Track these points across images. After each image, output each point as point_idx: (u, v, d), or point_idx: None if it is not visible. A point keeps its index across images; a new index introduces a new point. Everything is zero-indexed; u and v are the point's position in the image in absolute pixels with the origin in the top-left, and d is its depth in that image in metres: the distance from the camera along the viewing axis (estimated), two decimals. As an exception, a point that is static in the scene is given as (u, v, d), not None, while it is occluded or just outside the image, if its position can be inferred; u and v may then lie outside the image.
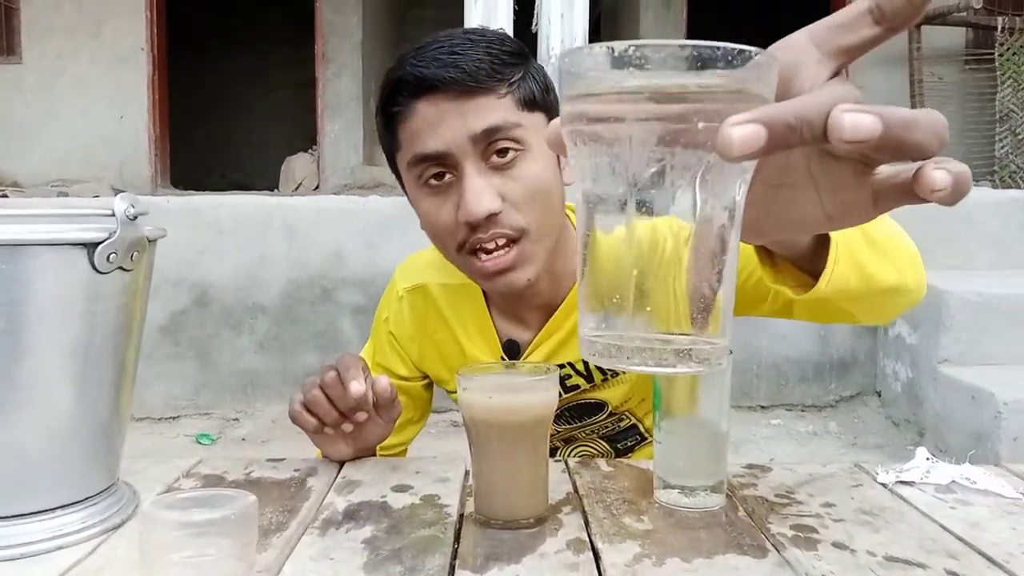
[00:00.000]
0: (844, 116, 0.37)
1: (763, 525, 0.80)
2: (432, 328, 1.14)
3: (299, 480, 0.93)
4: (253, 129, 9.48)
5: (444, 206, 0.94)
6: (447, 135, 0.90)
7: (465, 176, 0.91)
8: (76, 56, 6.67)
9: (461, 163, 0.91)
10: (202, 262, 3.85)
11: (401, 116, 0.93)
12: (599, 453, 1.17)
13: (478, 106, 0.90)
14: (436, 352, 1.15)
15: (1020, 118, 5.51)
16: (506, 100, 0.91)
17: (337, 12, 7.09)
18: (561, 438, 1.16)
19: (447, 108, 0.89)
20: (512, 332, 1.10)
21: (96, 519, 0.78)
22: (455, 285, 1.12)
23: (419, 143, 0.92)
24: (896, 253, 0.76)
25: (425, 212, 0.96)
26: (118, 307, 0.77)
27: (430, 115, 0.90)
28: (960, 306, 3.30)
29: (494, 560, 0.72)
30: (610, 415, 1.13)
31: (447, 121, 0.90)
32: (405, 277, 1.17)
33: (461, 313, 1.12)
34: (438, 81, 0.89)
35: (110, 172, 6.60)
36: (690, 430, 0.85)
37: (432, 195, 0.94)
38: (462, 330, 1.12)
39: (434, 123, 0.90)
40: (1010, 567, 0.72)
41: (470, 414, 0.81)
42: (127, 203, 0.74)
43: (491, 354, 1.11)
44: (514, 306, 1.09)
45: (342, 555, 0.73)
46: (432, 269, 1.15)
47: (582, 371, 1.10)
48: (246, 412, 3.82)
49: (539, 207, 0.93)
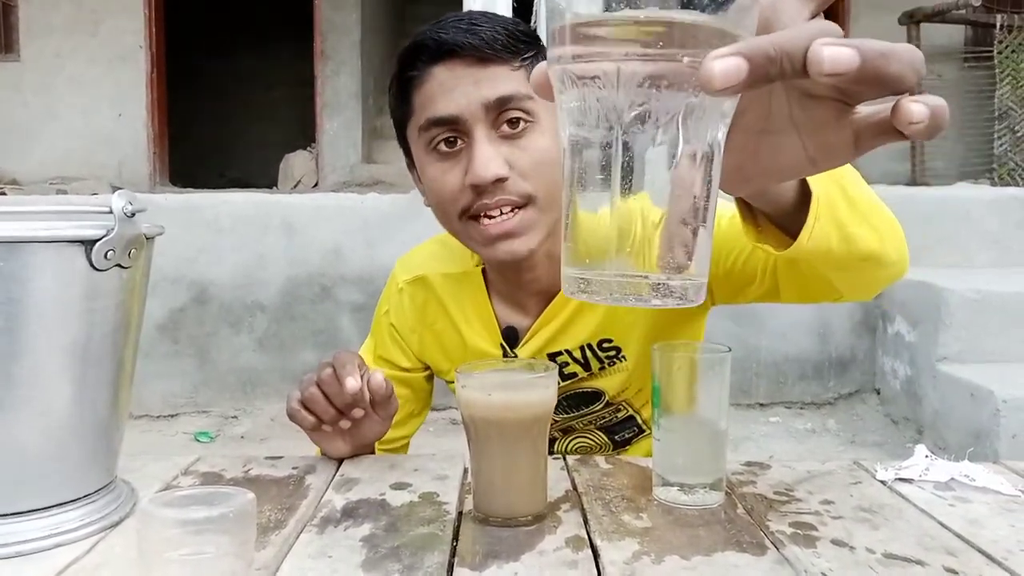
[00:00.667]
0: (823, 49, 0.37)
1: (762, 522, 0.80)
2: (432, 318, 1.15)
3: (297, 478, 0.93)
4: (252, 127, 9.48)
5: (452, 171, 0.95)
6: (461, 100, 0.92)
7: (475, 141, 0.93)
8: (75, 54, 6.67)
9: (472, 129, 0.93)
10: (201, 260, 3.84)
11: (417, 81, 0.95)
12: (597, 445, 1.17)
13: (493, 75, 0.92)
14: (436, 342, 1.16)
15: (1019, 116, 5.51)
16: (520, 73, 0.94)
17: (336, 10, 7.09)
18: (559, 428, 1.16)
19: (463, 74, 0.92)
20: (511, 319, 1.11)
21: (94, 517, 0.78)
22: (455, 274, 1.13)
23: (432, 107, 0.94)
24: (875, 217, 0.75)
25: (432, 178, 0.97)
26: (116, 304, 0.77)
27: (446, 80, 0.93)
28: (959, 304, 3.30)
29: (493, 558, 0.72)
30: (607, 405, 1.13)
31: (462, 87, 0.92)
32: (405, 269, 1.18)
33: (461, 301, 1.12)
34: (456, 46, 0.92)
35: (109, 170, 6.60)
36: (689, 427, 0.85)
37: (440, 160, 0.96)
38: (462, 318, 1.12)
39: (449, 88, 0.92)
40: (1008, 564, 0.72)
41: (469, 412, 0.81)
42: (125, 200, 0.74)
43: (490, 341, 1.12)
44: (514, 292, 1.10)
45: (340, 553, 0.73)
46: (432, 260, 1.16)
47: (579, 359, 1.10)
48: (245, 410, 3.82)
49: (545, 178, 0.94)
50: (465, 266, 1.12)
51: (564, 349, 1.09)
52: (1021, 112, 5.52)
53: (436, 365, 1.19)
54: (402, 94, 0.98)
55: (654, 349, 0.86)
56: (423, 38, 0.94)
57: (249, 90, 9.48)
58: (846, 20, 6.57)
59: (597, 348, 1.09)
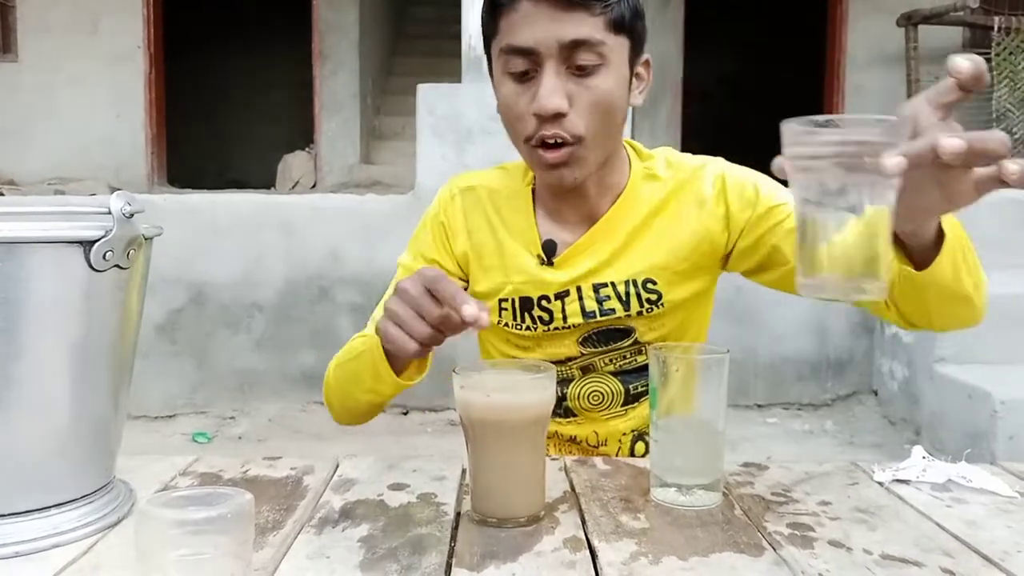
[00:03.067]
0: (942, 142, 0.65)
1: (760, 523, 0.80)
2: (474, 226, 1.21)
3: (296, 478, 0.93)
4: (250, 127, 9.47)
5: (522, 96, 1.03)
6: (540, 35, 0.99)
7: (544, 74, 1.01)
8: (73, 55, 6.66)
9: (544, 62, 1.00)
10: (199, 261, 3.84)
11: (506, 7, 1.02)
12: (610, 393, 1.19)
13: (573, 18, 0.99)
14: (474, 251, 1.21)
15: (1017, 117, 5.52)
16: (599, 19, 1.00)
17: (334, 10, 7.09)
18: (579, 366, 1.19)
19: (546, 12, 0.99)
20: (553, 234, 1.17)
21: (92, 517, 0.78)
22: (507, 190, 1.21)
23: (513, 35, 1.01)
24: (976, 272, 0.94)
25: (504, 96, 1.06)
26: (114, 305, 0.77)
27: (530, 13, 1.00)
28: (957, 305, 3.30)
29: (491, 558, 0.72)
30: (634, 343, 1.17)
31: (542, 23, 0.99)
32: (463, 181, 1.25)
33: (505, 213, 1.20)
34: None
35: (107, 171, 6.59)
36: (687, 428, 0.85)
37: (514, 83, 1.04)
38: (504, 228, 1.19)
39: (532, 21, 1.00)
40: (1005, 565, 0.72)
41: (467, 413, 0.81)
42: (123, 201, 0.74)
43: (529, 251, 1.17)
44: (561, 209, 1.16)
45: (339, 553, 0.73)
46: (486, 178, 1.24)
47: (621, 295, 1.14)
48: (243, 411, 3.81)
49: (600, 118, 1.03)
50: (514, 186, 1.21)
51: (610, 281, 1.14)
52: (1019, 114, 5.52)
53: (472, 272, 1.22)
54: (491, 14, 1.05)
55: (651, 350, 0.86)
56: None
57: (248, 91, 9.48)
58: (845, 22, 6.58)
59: (642, 287, 1.14)
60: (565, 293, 1.15)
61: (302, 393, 3.85)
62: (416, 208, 3.67)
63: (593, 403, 1.19)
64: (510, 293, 1.17)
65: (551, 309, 1.15)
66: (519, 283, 1.16)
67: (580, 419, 1.20)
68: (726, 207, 1.13)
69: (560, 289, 1.15)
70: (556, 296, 1.15)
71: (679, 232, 1.14)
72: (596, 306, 1.14)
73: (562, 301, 1.15)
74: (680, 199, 1.15)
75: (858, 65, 6.57)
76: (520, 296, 1.16)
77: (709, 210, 1.13)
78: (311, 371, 3.86)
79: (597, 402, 1.19)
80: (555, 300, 1.15)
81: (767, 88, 9.31)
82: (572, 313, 1.15)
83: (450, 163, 3.69)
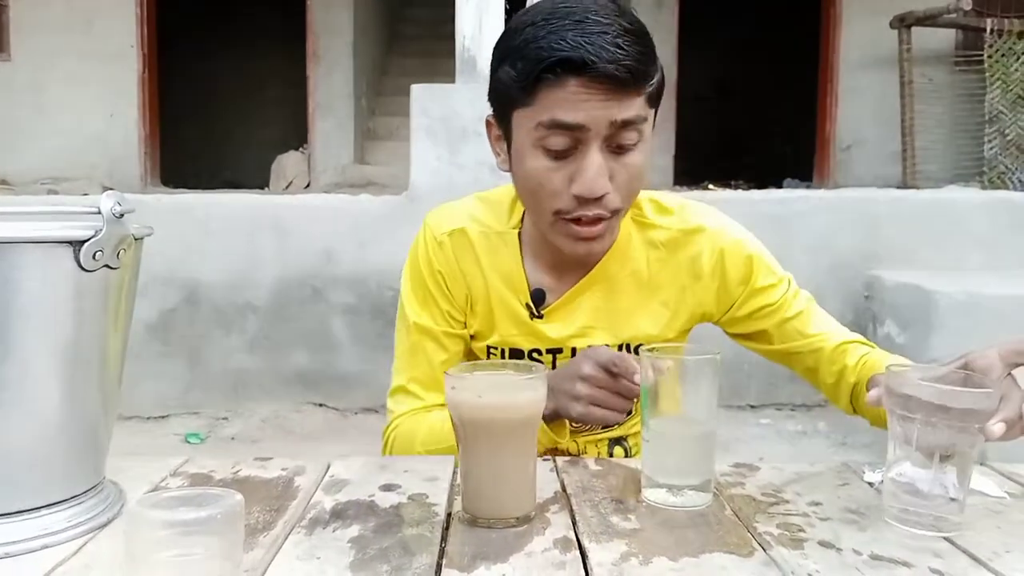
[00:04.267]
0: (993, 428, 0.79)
1: (750, 524, 0.81)
2: (467, 271, 1.17)
3: (287, 479, 0.93)
4: (245, 127, 9.46)
5: (558, 172, 0.99)
6: (592, 113, 0.95)
7: (590, 153, 0.97)
8: (66, 53, 6.64)
9: (589, 141, 0.97)
10: (191, 261, 3.83)
11: (550, 83, 0.95)
12: None
13: (624, 101, 0.96)
14: (470, 295, 1.18)
15: (1009, 119, 5.53)
16: (642, 98, 0.98)
17: (329, 10, 7.08)
18: None
19: (597, 92, 0.94)
20: (543, 282, 1.15)
21: (82, 518, 0.78)
22: (492, 232, 1.17)
23: (560, 111, 0.96)
24: None
25: (535, 170, 1.00)
26: (104, 305, 0.77)
27: (580, 93, 0.95)
28: (949, 306, 3.31)
29: (481, 559, 0.72)
30: None
31: (593, 102, 0.95)
32: (444, 222, 1.19)
33: (495, 257, 1.16)
34: (604, 75, 0.93)
35: (100, 170, 6.57)
36: (678, 429, 0.85)
37: (548, 159, 0.99)
38: (494, 273, 1.16)
39: (583, 100, 0.95)
40: (993, 565, 0.72)
41: (459, 413, 0.81)
42: (113, 201, 0.73)
43: (517, 299, 1.15)
44: (555, 257, 1.14)
45: (329, 554, 0.73)
46: (469, 218, 1.18)
47: None
48: (236, 411, 3.81)
49: (634, 192, 1.04)
50: (501, 227, 1.17)
51: (604, 344, 1.13)
52: (1011, 116, 5.54)
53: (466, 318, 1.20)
54: (526, 87, 0.97)
55: (642, 351, 0.86)
56: (570, 54, 0.93)
57: (242, 91, 9.46)
58: (838, 24, 6.59)
59: (634, 352, 1.13)
60: (558, 350, 1.15)
61: (295, 394, 3.85)
62: (409, 209, 3.67)
63: (574, 426, 1.18)
64: (498, 343, 1.16)
65: (542, 362, 1.15)
66: (510, 335, 1.15)
67: None
68: (720, 282, 1.15)
69: (552, 345, 1.15)
70: (548, 351, 1.15)
71: (675, 305, 1.15)
72: None
73: (554, 356, 1.15)
74: (677, 266, 1.15)
75: (851, 67, 6.59)
76: (510, 347, 1.16)
77: (704, 284, 1.15)
78: (304, 372, 3.85)
79: (578, 425, 1.18)
80: (547, 354, 1.15)
81: (761, 91, 9.33)
82: None
83: (444, 163, 3.69)
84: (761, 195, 4.04)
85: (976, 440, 0.79)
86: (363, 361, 3.79)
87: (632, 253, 1.14)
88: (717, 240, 1.15)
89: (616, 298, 1.14)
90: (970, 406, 0.77)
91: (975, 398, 0.78)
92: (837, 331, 1.18)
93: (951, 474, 0.79)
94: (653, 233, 1.15)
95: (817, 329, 1.17)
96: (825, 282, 3.88)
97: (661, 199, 1.19)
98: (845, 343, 1.16)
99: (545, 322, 1.14)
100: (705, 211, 1.18)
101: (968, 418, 0.77)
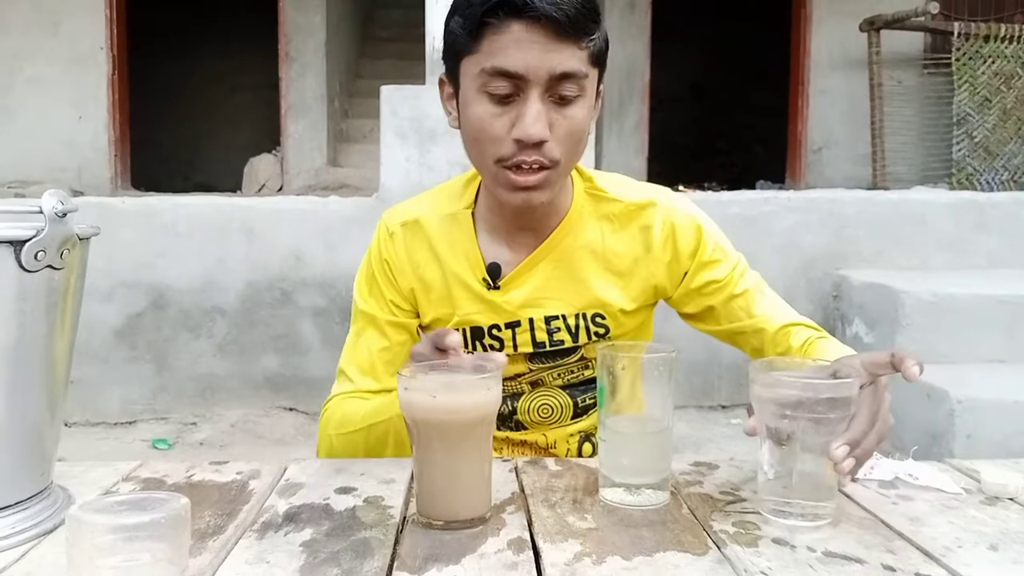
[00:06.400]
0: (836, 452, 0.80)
1: (706, 522, 0.80)
2: (418, 261, 1.18)
3: (241, 483, 0.92)
4: (217, 130, 9.37)
5: (500, 119, 1.02)
6: (532, 63, 0.98)
7: (529, 101, 1.00)
8: (33, 56, 6.54)
9: (530, 89, 1.00)
10: (159, 264, 3.78)
11: (493, 28, 0.99)
12: (559, 407, 1.20)
13: (563, 50, 0.99)
14: (421, 284, 1.19)
15: (976, 121, 5.60)
16: (584, 52, 1.01)
17: (301, 11, 7.03)
18: (528, 380, 1.19)
19: (539, 40, 0.98)
20: (498, 255, 1.16)
21: (26, 524, 0.76)
22: (447, 215, 1.19)
23: (502, 58, 0.99)
24: None
25: (477, 117, 1.03)
26: (48, 306, 0.75)
27: (522, 38, 0.98)
28: (915, 306, 3.34)
29: (433, 561, 0.72)
30: (580, 358, 1.18)
31: (534, 51, 0.98)
32: (398, 216, 1.22)
33: (450, 238, 1.18)
34: (544, 16, 0.97)
35: (69, 173, 6.47)
36: (635, 428, 0.85)
37: (492, 104, 1.02)
38: (450, 254, 1.17)
39: (524, 47, 0.98)
40: (945, 561, 0.72)
41: (411, 414, 0.80)
42: (55, 200, 0.72)
43: (473, 276, 1.16)
44: (507, 227, 1.16)
45: (279, 558, 0.72)
46: (424, 204, 1.22)
47: (571, 327, 1.16)
48: (204, 416, 3.76)
49: (573, 146, 1.05)
50: (454, 208, 1.19)
51: (561, 314, 1.15)
52: (978, 118, 5.61)
53: (420, 306, 1.20)
54: (471, 32, 1.01)
55: (599, 349, 0.86)
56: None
57: (213, 93, 9.37)
58: (808, 27, 6.64)
59: (591, 321, 1.16)
60: (516, 323, 1.16)
61: (265, 398, 3.81)
62: (379, 211, 3.61)
63: (543, 416, 1.20)
64: (459, 323, 1.16)
65: (502, 338, 1.16)
66: (469, 313, 1.16)
67: (531, 431, 1.21)
68: (672, 254, 1.16)
69: (511, 319, 1.15)
70: (507, 325, 1.16)
71: (628, 276, 1.16)
72: (546, 337, 1.16)
73: (513, 331, 1.16)
74: (630, 237, 1.16)
75: (822, 69, 6.63)
76: (471, 326, 1.16)
77: (655, 256, 1.16)
78: (274, 376, 3.81)
79: (547, 415, 1.20)
80: (506, 329, 1.16)
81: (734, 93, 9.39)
82: (523, 343, 1.16)
83: (414, 164, 3.68)
84: (731, 196, 4.06)
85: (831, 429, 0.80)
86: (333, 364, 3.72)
87: (585, 225, 1.16)
88: (669, 214, 1.17)
89: (571, 268, 1.16)
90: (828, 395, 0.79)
91: (829, 388, 0.79)
92: (783, 313, 1.19)
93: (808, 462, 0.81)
94: (606, 206, 1.17)
95: (762, 310, 1.18)
96: (794, 282, 3.90)
97: (613, 176, 1.21)
98: (789, 325, 1.17)
99: (502, 294, 1.15)
100: (658, 189, 1.21)
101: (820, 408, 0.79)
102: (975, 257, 4.00)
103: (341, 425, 1.14)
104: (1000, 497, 0.89)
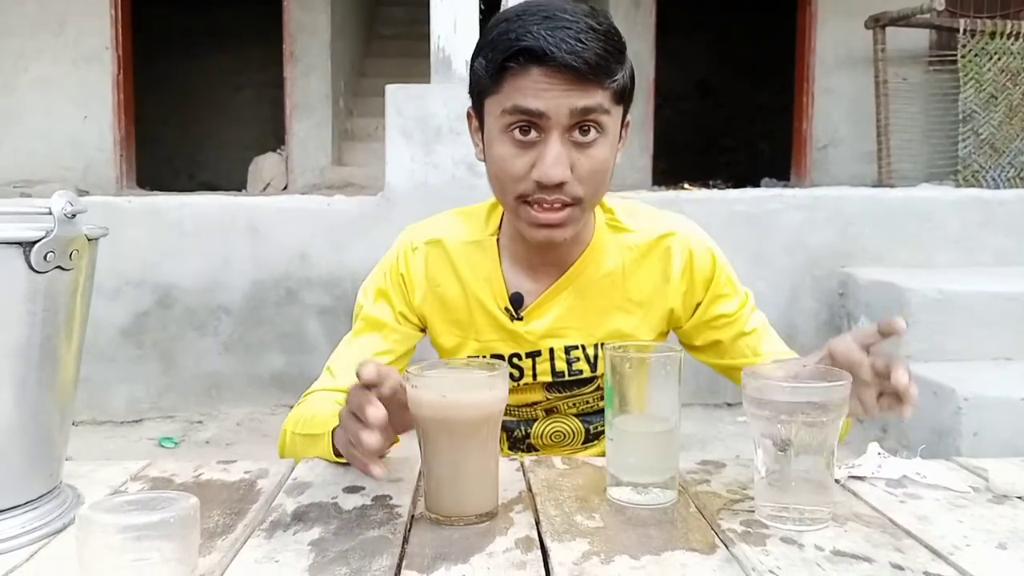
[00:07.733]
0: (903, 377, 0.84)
1: (713, 521, 0.80)
2: (438, 280, 1.19)
3: (249, 482, 0.92)
4: (221, 129, 9.38)
5: (521, 158, 1.03)
6: (551, 102, 0.99)
7: (550, 141, 1.01)
8: (38, 56, 6.55)
9: (551, 128, 1.01)
10: (165, 263, 3.79)
11: (514, 72, 1.00)
12: (571, 432, 1.22)
13: (585, 90, 1.00)
14: (438, 302, 1.19)
15: (982, 118, 5.58)
16: (607, 91, 1.02)
17: (306, 10, 7.04)
18: (544, 408, 1.21)
19: (558, 83, 0.99)
20: (521, 286, 1.17)
21: (36, 524, 0.77)
22: (471, 241, 1.20)
23: (523, 98, 1.00)
24: None
25: (500, 156, 1.05)
26: (57, 307, 0.75)
27: (542, 81, 0.99)
28: (921, 303, 3.33)
29: (441, 560, 0.72)
30: (597, 388, 1.20)
31: (554, 91, 0.99)
32: (422, 233, 1.22)
33: (473, 264, 1.19)
34: (563, 65, 0.97)
35: (74, 173, 6.49)
36: (642, 427, 0.85)
37: (513, 145, 1.04)
38: (472, 279, 1.18)
39: (544, 88, 0.99)
40: (954, 559, 0.72)
41: (420, 412, 0.80)
42: (64, 201, 0.72)
43: (496, 304, 1.17)
44: (531, 259, 1.17)
45: (287, 557, 0.73)
46: (449, 228, 1.22)
47: (590, 357, 1.17)
48: (210, 415, 3.77)
49: (596, 184, 1.06)
50: (480, 236, 1.20)
51: (580, 344, 1.17)
52: (984, 115, 5.58)
53: (433, 326, 1.21)
54: (493, 75, 1.03)
55: (607, 350, 0.86)
56: (532, 44, 0.98)
57: (218, 92, 9.38)
58: (814, 25, 6.63)
59: None
60: (537, 353, 1.17)
61: (270, 396, 3.82)
62: (384, 209, 3.65)
63: (555, 441, 1.23)
64: (479, 350, 1.17)
65: (522, 367, 1.18)
66: (491, 340, 1.17)
67: (541, 453, 1.23)
68: (688, 284, 1.18)
69: (532, 349, 1.17)
70: (528, 355, 1.17)
71: (648, 306, 1.18)
72: (566, 367, 1.17)
73: (533, 360, 1.17)
74: (649, 267, 1.17)
75: (827, 67, 6.62)
76: (491, 354, 1.17)
77: (674, 286, 1.18)
78: (279, 374, 3.82)
79: (559, 440, 1.23)
80: (526, 359, 1.17)
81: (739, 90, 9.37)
82: (542, 372, 1.18)
83: (419, 163, 3.68)
84: (736, 194, 4.05)
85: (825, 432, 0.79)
86: (339, 363, 3.76)
87: (606, 255, 1.17)
88: (687, 242, 1.18)
89: (591, 298, 1.16)
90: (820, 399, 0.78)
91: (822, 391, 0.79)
92: (784, 355, 1.20)
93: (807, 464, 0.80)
94: (627, 236, 1.18)
95: (767, 349, 1.20)
96: (800, 280, 3.90)
97: (634, 206, 1.22)
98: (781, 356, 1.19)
99: (523, 324, 1.16)
100: (677, 218, 1.22)
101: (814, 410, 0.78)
102: (981, 254, 3.98)
103: (299, 425, 1.10)
104: (1008, 495, 0.88)
